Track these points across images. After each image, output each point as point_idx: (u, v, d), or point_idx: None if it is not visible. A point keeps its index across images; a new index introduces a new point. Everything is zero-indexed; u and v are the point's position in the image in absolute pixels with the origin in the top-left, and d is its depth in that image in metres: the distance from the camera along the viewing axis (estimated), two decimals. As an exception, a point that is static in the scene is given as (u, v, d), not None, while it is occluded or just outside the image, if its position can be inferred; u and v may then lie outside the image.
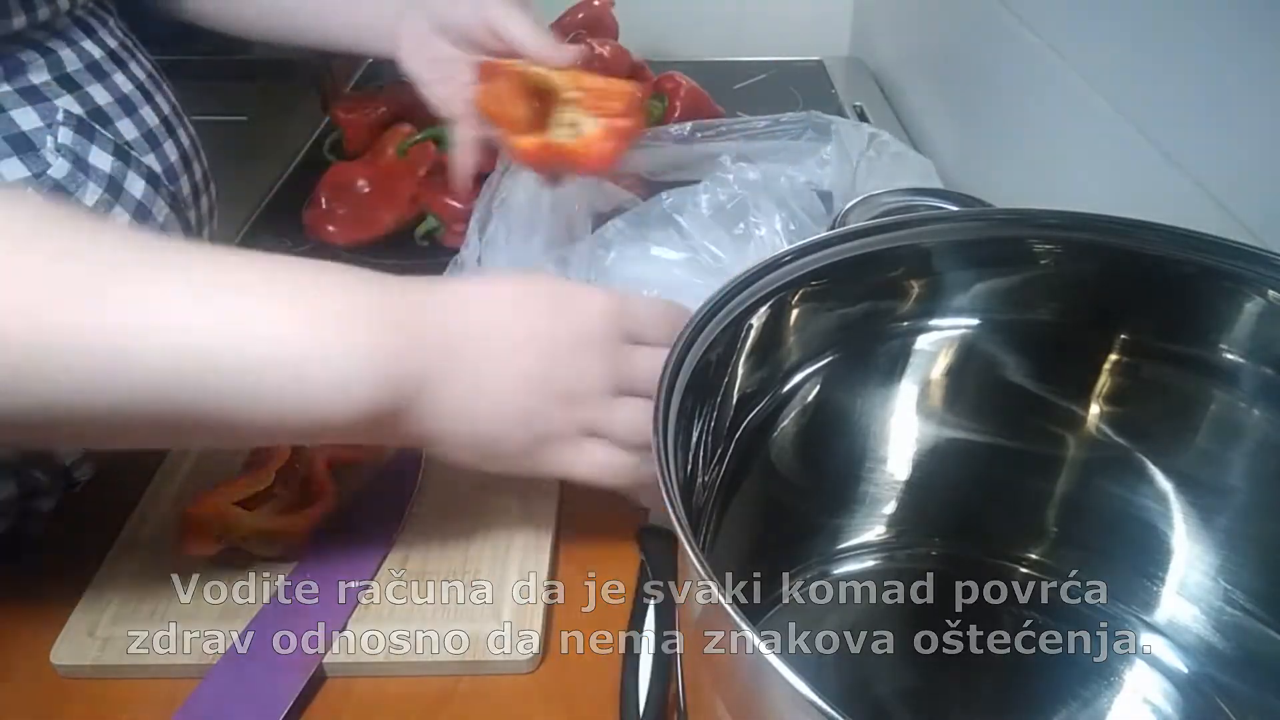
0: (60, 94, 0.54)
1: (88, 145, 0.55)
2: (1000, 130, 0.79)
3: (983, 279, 0.45)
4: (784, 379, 0.45)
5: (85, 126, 0.55)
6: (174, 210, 0.61)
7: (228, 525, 0.50)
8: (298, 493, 0.54)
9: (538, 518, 0.54)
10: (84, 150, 0.55)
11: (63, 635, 0.48)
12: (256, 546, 0.51)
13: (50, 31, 0.55)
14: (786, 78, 1.08)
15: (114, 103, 0.57)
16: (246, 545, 0.51)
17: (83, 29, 0.57)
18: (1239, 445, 0.43)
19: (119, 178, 0.56)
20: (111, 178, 0.56)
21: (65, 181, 0.53)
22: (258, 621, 0.48)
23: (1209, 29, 0.50)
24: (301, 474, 0.54)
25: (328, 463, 0.55)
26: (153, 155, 0.59)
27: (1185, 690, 0.44)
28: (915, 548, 0.51)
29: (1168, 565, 0.46)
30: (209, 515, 0.50)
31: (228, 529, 0.50)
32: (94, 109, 0.56)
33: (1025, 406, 0.47)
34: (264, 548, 0.51)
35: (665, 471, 0.31)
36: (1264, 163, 0.46)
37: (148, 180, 0.58)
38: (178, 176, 0.62)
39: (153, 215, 0.58)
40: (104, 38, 0.59)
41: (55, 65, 0.55)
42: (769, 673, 0.25)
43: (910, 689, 0.46)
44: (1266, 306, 0.39)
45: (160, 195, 0.59)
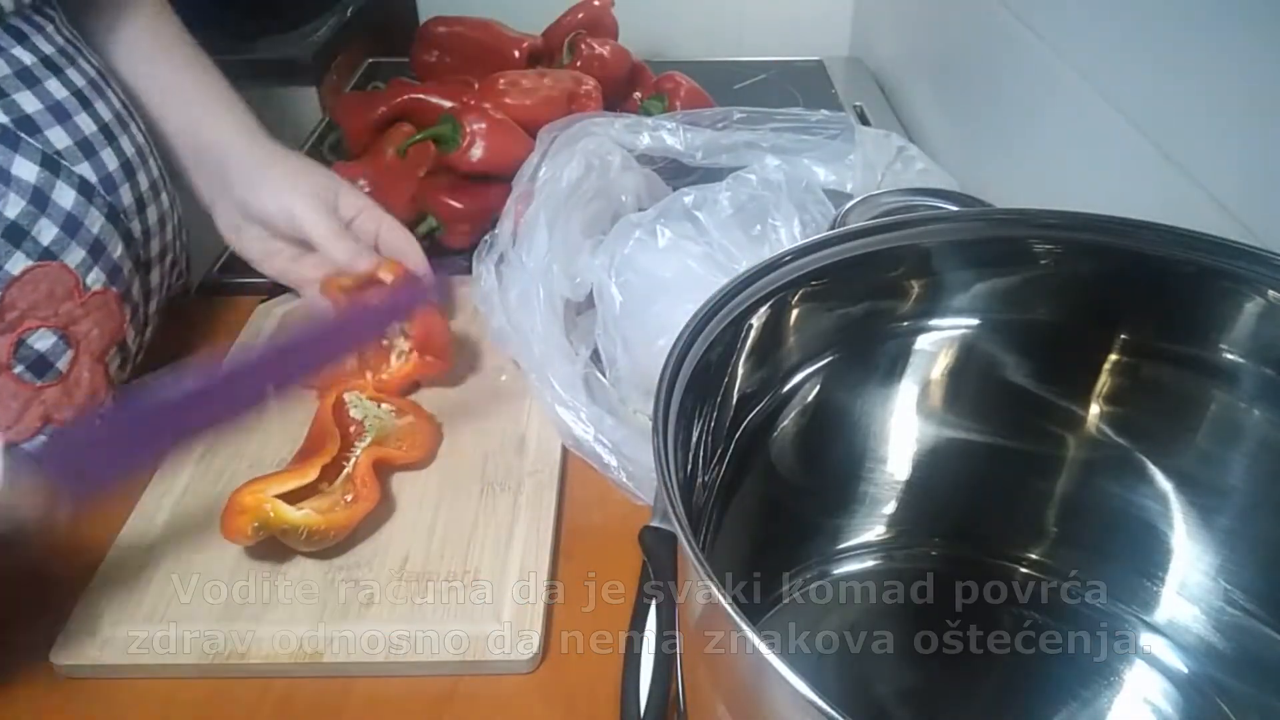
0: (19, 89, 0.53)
1: (10, 155, 0.53)
2: (1000, 130, 0.79)
3: (983, 279, 0.45)
4: (784, 379, 0.45)
5: (8, 135, 0.53)
6: (110, 221, 0.58)
7: (267, 517, 0.50)
8: (343, 490, 0.54)
9: (538, 518, 0.54)
10: (6, 160, 0.53)
11: (63, 635, 0.48)
12: (295, 541, 0.50)
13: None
14: (786, 78, 1.09)
15: (44, 110, 0.55)
16: (285, 538, 0.50)
17: (14, 35, 0.55)
18: (1239, 445, 0.43)
19: (45, 188, 0.54)
20: (37, 188, 0.54)
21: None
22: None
23: (1209, 29, 0.50)
24: (347, 472, 0.54)
25: (374, 463, 0.55)
26: (87, 164, 0.57)
27: (1185, 690, 0.44)
28: (915, 548, 0.51)
29: (1168, 565, 0.46)
30: (248, 505, 0.50)
31: (266, 521, 0.50)
32: (20, 117, 0.54)
33: (1025, 406, 0.47)
34: (302, 543, 0.51)
35: (665, 471, 0.31)
36: (1264, 163, 0.46)
37: (79, 190, 0.56)
38: (116, 186, 0.59)
39: (84, 227, 0.56)
40: (38, 43, 0.57)
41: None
42: (769, 673, 0.25)
43: (910, 689, 0.46)
44: (1266, 306, 0.39)
45: (94, 206, 0.57)
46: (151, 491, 0.56)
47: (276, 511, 0.50)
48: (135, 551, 0.53)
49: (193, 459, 0.58)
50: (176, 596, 0.50)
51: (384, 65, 1.14)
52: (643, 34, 1.04)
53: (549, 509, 0.55)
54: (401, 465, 0.57)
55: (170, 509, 0.55)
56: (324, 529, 0.51)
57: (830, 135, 0.74)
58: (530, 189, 0.67)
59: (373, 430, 0.57)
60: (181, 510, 0.55)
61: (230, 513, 0.50)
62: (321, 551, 0.52)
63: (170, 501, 0.56)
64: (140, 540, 0.53)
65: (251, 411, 0.50)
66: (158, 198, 0.64)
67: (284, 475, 0.52)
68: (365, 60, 1.17)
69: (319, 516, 0.51)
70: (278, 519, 0.50)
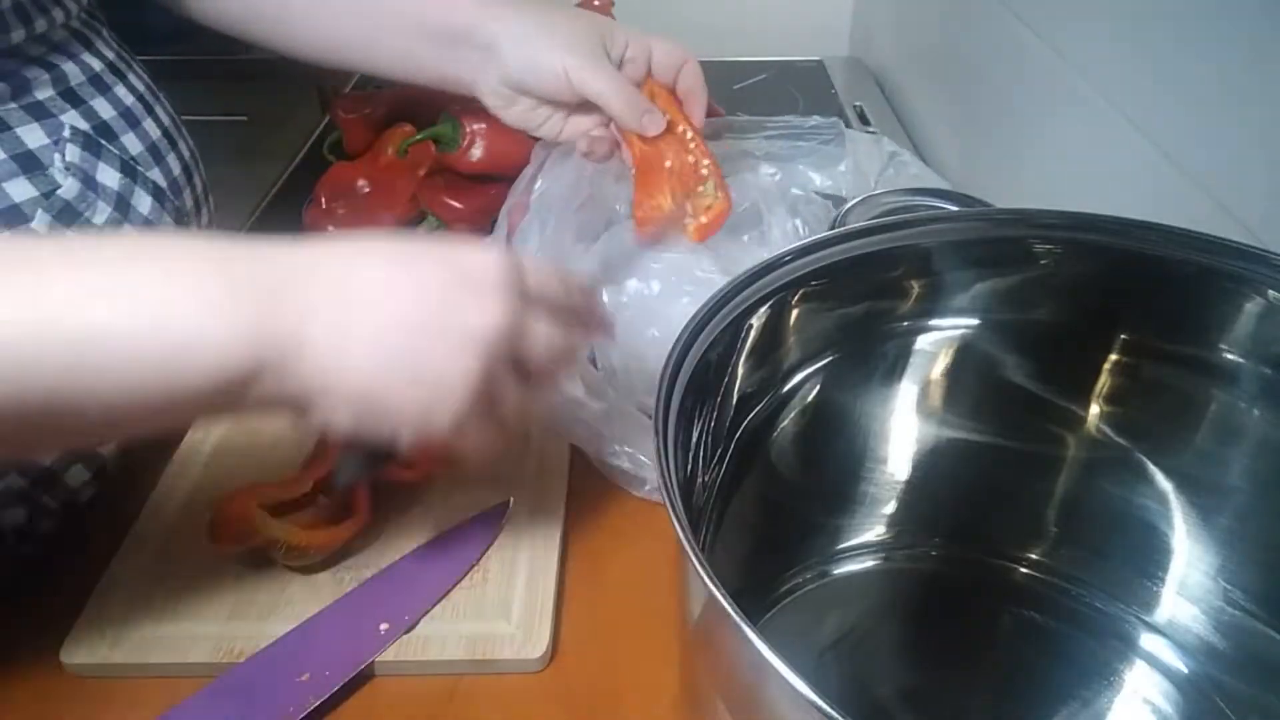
0: (65, 109, 0.53)
1: (95, 162, 0.53)
2: (1000, 130, 0.79)
3: (983, 279, 0.45)
4: (784, 379, 0.45)
5: (92, 142, 0.53)
6: (178, 224, 0.59)
7: (251, 528, 0.49)
8: (338, 506, 0.52)
9: (547, 517, 0.54)
10: (92, 167, 0.52)
11: (72, 634, 0.48)
12: (278, 554, 0.50)
13: (49, 46, 0.53)
14: (786, 78, 1.08)
15: (117, 116, 0.55)
16: (269, 551, 0.50)
17: (81, 42, 0.55)
18: (1239, 445, 0.43)
19: (126, 194, 0.54)
20: (120, 195, 0.54)
21: (75, 201, 0.51)
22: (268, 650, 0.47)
23: (1209, 29, 0.50)
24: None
25: (370, 481, 0.53)
26: (157, 169, 0.58)
27: (1185, 690, 0.45)
28: (915, 548, 0.51)
29: (1168, 565, 0.46)
30: (233, 514, 0.49)
31: (250, 532, 0.49)
32: (99, 124, 0.54)
33: (1025, 406, 0.47)
34: (287, 556, 0.50)
35: (665, 471, 0.31)
36: (1264, 163, 0.46)
37: (153, 195, 0.56)
38: (181, 190, 0.60)
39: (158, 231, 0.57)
40: (101, 49, 0.57)
41: (59, 80, 0.53)
42: (769, 672, 0.25)
43: (910, 689, 0.46)
44: (1266, 306, 0.39)
45: (165, 210, 0.58)
46: (161, 490, 0.56)
47: (260, 523, 0.49)
48: (145, 550, 0.53)
49: (203, 459, 0.59)
50: (186, 596, 0.50)
51: (384, 65, 1.14)
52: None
53: (557, 509, 0.55)
54: (401, 483, 0.56)
55: (179, 508, 0.55)
56: (305, 546, 0.49)
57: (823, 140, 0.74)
58: (525, 201, 0.67)
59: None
60: (190, 509, 0.55)
61: (216, 520, 0.49)
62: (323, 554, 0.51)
63: (179, 500, 0.56)
64: (150, 539, 0.53)
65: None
66: (207, 200, 0.65)
67: (278, 486, 0.51)
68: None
69: (302, 532, 0.49)
70: (260, 531, 0.49)
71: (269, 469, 0.55)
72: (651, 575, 0.51)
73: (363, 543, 0.53)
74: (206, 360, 0.35)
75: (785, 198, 0.64)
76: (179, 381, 0.35)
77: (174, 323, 0.35)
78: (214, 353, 0.35)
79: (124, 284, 0.35)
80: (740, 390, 0.43)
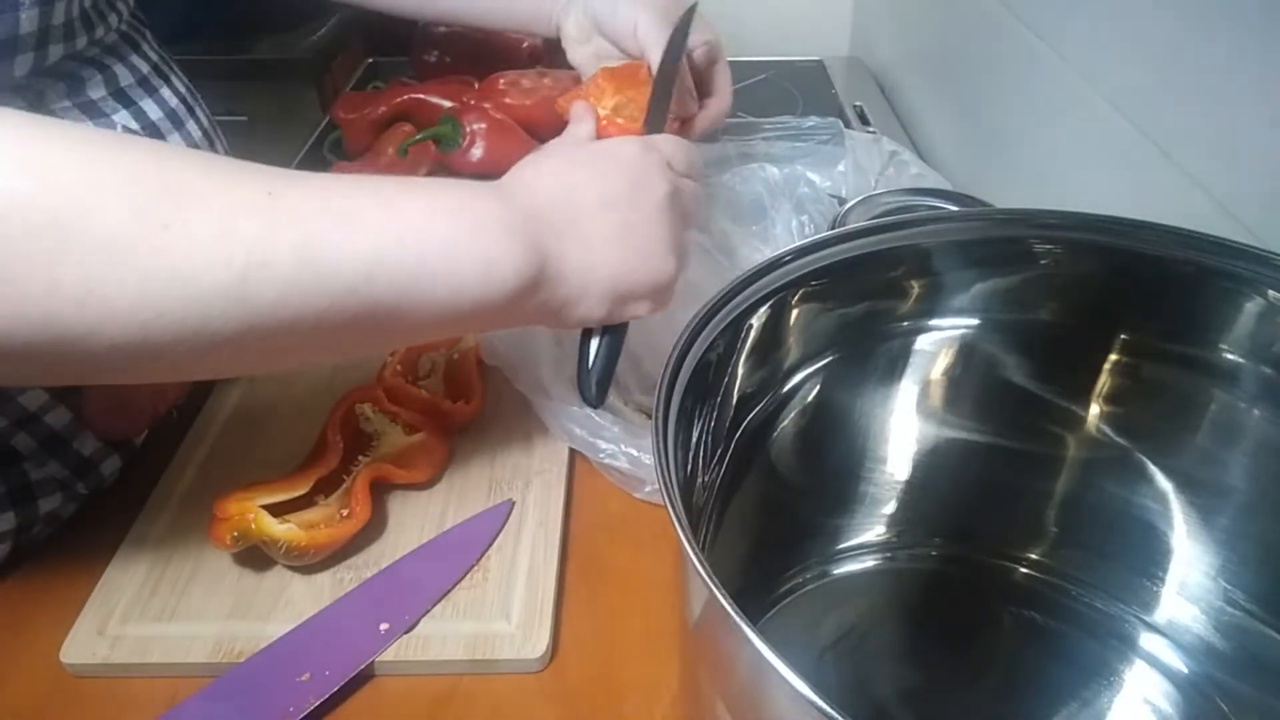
0: (117, 109, 0.53)
1: None
2: (1000, 130, 0.79)
3: (983, 279, 0.45)
4: (784, 379, 0.45)
5: None
6: None
7: (248, 527, 0.48)
8: (338, 506, 0.52)
9: (547, 517, 0.54)
10: None
11: (72, 633, 0.48)
12: (276, 553, 0.49)
13: (102, 48, 0.54)
14: (786, 78, 1.08)
15: (164, 117, 0.56)
16: (266, 550, 0.49)
17: (129, 44, 0.56)
18: (1239, 445, 0.43)
19: None
20: None
21: None
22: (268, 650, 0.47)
23: (1209, 29, 0.50)
24: (345, 487, 0.53)
25: (372, 481, 0.53)
26: None
27: (1185, 690, 0.45)
28: (915, 548, 0.51)
29: (1168, 565, 0.46)
30: (232, 513, 0.49)
31: (247, 532, 0.49)
32: (148, 124, 0.55)
33: (1025, 406, 0.47)
34: (281, 556, 0.49)
35: (665, 471, 0.31)
36: (1264, 163, 0.46)
37: None
38: None
39: None
40: (147, 52, 0.57)
41: (110, 80, 0.53)
42: (769, 673, 0.25)
43: (910, 689, 0.46)
44: (1266, 306, 0.39)
45: None
46: (160, 489, 0.56)
47: (259, 523, 0.49)
48: (144, 550, 0.53)
49: (201, 457, 0.59)
50: (185, 595, 0.50)
51: (384, 65, 1.14)
52: (643, 34, 1.03)
53: (557, 508, 0.55)
54: (402, 484, 0.56)
55: (179, 506, 0.55)
56: (304, 545, 0.49)
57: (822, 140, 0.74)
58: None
59: (381, 445, 0.56)
60: (190, 508, 0.55)
61: (215, 519, 0.49)
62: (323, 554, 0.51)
63: (179, 499, 0.56)
64: (149, 538, 0.53)
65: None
66: None
67: (278, 484, 0.51)
68: (365, 60, 1.17)
69: (301, 532, 0.49)
70: (258, 530, 0.48)
71: (269, 469, 0.55)
72: (651, 575, 0.51)
73: (363, 543, 0.53)
74: (505, 273, 0.43)
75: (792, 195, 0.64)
76: (487, 290, 0.42)
77: (487, 236, 0.43)
78: (511, 268, 0.43)
79: (449, 202, 0.43)
80: (740, 390, 0.43)
